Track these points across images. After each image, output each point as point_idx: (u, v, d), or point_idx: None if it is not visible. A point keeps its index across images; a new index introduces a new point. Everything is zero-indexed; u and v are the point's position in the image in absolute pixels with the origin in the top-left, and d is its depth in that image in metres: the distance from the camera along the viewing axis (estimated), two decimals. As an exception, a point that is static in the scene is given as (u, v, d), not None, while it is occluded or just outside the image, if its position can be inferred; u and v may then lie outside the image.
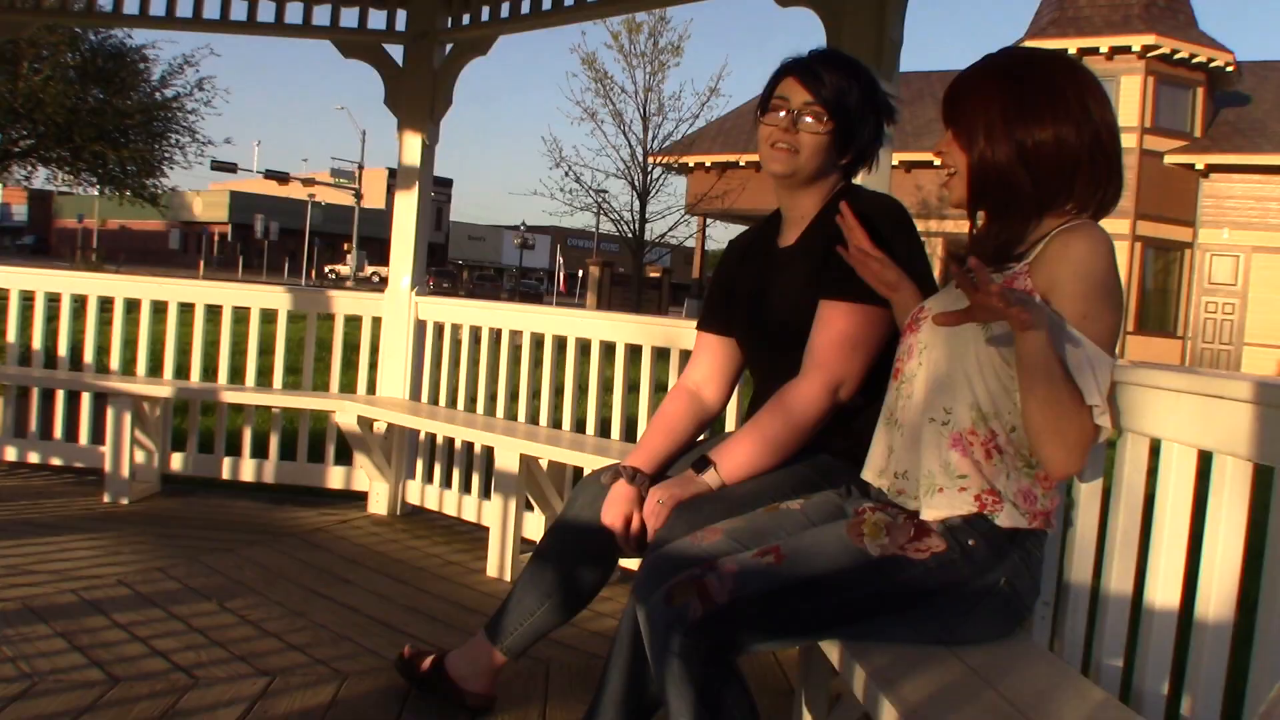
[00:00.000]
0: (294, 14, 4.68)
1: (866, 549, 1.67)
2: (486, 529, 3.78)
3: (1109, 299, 1.61)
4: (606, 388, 3.88)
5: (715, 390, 2.32)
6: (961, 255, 1.64)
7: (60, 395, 4.62)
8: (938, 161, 1.76)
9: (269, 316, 4.66)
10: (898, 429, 1.78)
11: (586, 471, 3.31)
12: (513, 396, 4.14)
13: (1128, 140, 23.89)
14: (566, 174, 32.62)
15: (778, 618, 1.65)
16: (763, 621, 1.65)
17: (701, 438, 2.38)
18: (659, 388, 3.67)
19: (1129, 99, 23.91)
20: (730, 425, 3.25)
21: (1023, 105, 1.65)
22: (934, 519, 1.68)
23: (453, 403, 4.34)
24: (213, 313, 4.69)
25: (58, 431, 4.62)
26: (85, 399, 4.57)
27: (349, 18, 4.67)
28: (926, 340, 1.75)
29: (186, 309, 4.66)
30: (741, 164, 27.88)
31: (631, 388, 3.71)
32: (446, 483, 4.28)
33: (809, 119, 2.05)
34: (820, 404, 2.02)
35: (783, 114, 2.07)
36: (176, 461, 4.53)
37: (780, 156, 2.07)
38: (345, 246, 55.93)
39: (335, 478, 4.53)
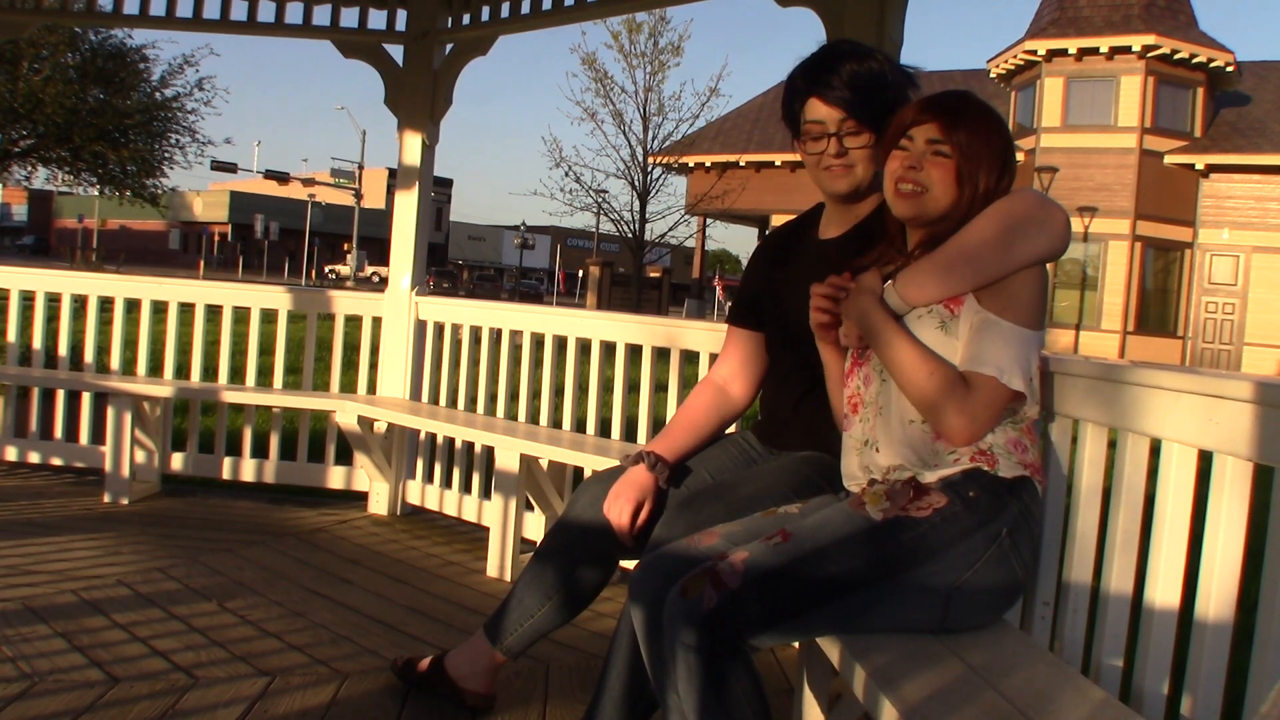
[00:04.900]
0: (294, 14, 4.68)
1: (869, 515, 1.71)
2: (486, 529, 3.78)
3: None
4: (607, 388, 3.88)
5: (742, 386, 2.33)
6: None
7: (60, 395, 4.62)
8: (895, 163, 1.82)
9: (269, 316, 4.66)
10: (870, 447, 1.82)
11: (587, 472, 3.31)
12: (513, 396, 4.14)
13: (1128, 140, 23.92)
14: (566, 174, 32.50)
15: (789, 593, 1.66)
16: (775, 600, 1.65)
17: (730, 429, 2.40)
18: (659, 388, 3.68)
19: (1129, 99, 23.91)
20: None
21: (1007, 162, 1.82)
22: (933, 480, 1.73)
23: (453, 403, 4.34)
24: (213, 313, 4.69)
25: (58, 431, 4.62)
26: (85, 399, 4.57)
27: (349, 18, 4.67)
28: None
29: (187, 309, 4.65)
30: (741, 164, 27.86)
31: (632, 388, 3.71)
32: (447, 483, 4.27)
33: (851, 136, 2.06)
34: None
35: (825, 139, 2.07)
36: (176, 461, 4.53)
37: (839, 174, 2.08)
38: (345, 246, 55.92)
39: (335, 478, 4.53)
